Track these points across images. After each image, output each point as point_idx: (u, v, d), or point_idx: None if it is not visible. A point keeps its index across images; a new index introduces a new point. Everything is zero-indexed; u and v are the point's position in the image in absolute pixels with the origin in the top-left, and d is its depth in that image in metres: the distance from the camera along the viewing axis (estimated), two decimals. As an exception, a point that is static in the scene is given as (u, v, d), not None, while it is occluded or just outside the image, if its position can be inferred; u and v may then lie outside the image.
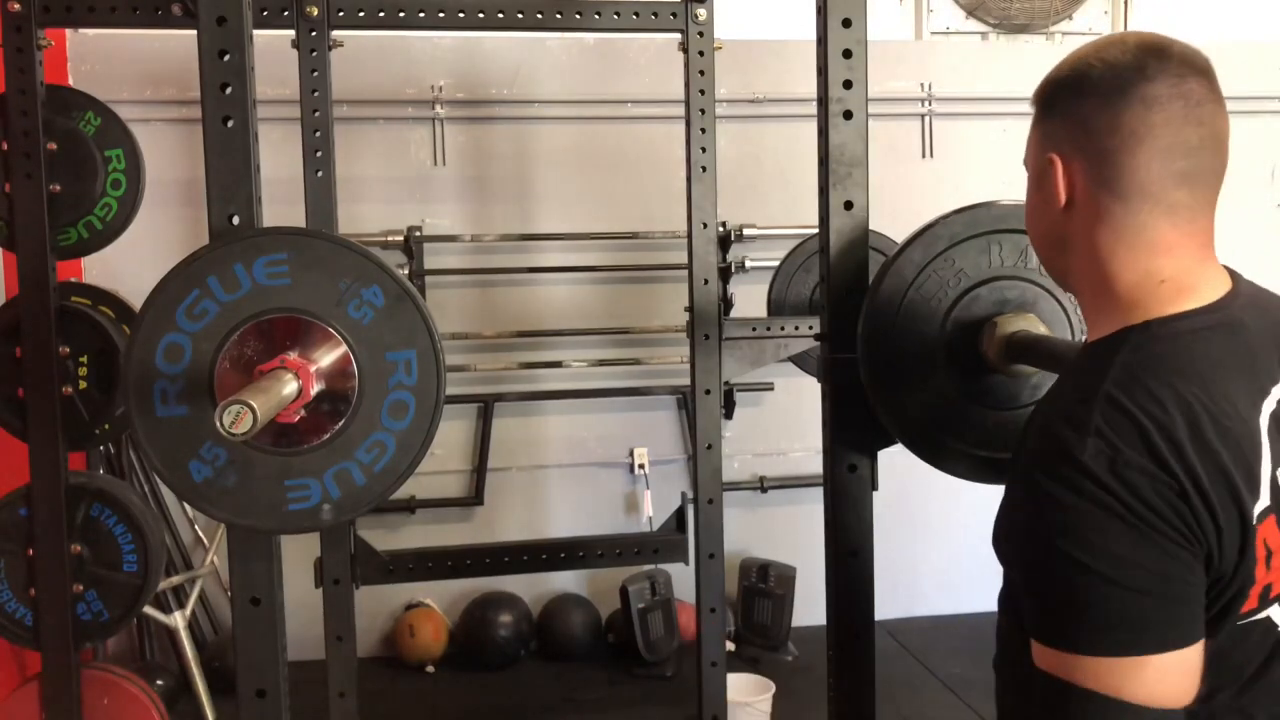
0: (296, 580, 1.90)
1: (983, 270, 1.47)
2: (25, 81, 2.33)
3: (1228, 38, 4.06)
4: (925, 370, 1.47)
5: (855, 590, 1.53)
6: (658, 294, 3.84)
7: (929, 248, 1.47)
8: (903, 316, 1.46)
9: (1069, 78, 1.05)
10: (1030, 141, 1.11)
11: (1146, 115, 0.99)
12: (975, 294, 1.47)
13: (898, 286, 1.46)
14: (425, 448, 1.40)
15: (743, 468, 3.95)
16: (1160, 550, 0.90)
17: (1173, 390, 0.93)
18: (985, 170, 3.99)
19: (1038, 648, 0.95)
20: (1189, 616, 0.92)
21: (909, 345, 1.47)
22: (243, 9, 1.39)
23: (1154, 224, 1.01)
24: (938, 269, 1.47)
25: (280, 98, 3.22)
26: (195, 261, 1.36)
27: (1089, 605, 0.90)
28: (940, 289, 1.47)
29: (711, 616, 2.79)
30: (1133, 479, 0.90)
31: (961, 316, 1.47)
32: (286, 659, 1.49)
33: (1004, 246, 1.47)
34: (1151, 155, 0.99)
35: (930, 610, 4.05)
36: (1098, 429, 0.92)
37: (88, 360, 2.45)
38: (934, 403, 1.48)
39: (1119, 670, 0.90)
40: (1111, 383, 0.94)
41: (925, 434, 1.49)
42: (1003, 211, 1.48)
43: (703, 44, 2.72)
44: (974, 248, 1.47)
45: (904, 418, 1.48)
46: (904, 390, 1.47)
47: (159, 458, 1.37)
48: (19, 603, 2.41)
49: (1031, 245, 1.17)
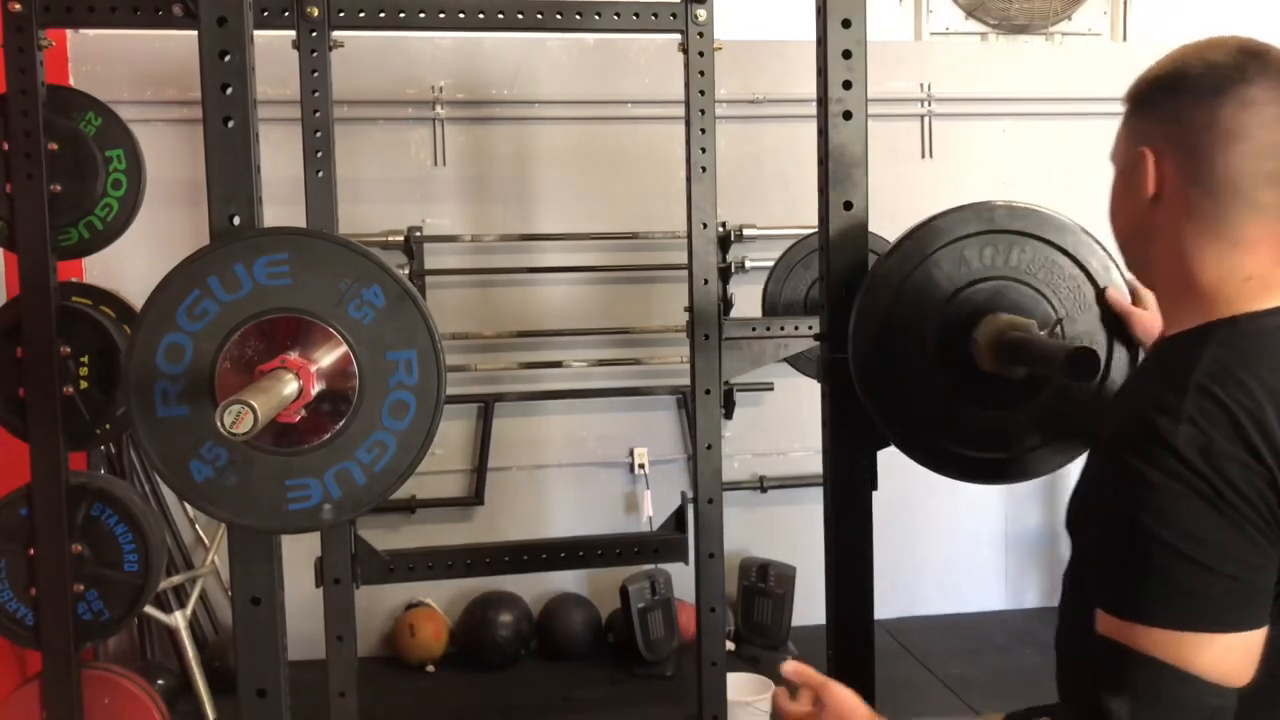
0: (297, 580, 1.90)
1: (973, 270, 1.47)
2: (26, 82, 2.34)
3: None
4: (917, 371, 1.47)
5: (855, 590, 1.54)
6: (658, 294, 3.84)
7: (920, 247, 1.46)
8: (895, 317, 1.46)
9: (1167, 75, 1.09)
10: (1120, 137, 1.15)
11: (1242, 115, 1.03)
12: (966, 294, 1.46)
13: (888, 287, 1.46)
14: (426, 447, 1.41)
15: (743, 468, 3.95)
16: (1244, 536, 0.93)
17: (1263, 383, 0.96)
18: (985, 171, 4.00)
19: (1103, 617, 0.99)
20: (1259, 602, 0.95)
21: (900, 346, 1.46)
22: (243, 9, 1.40)
23: (1241, 222, 1.04)
24: (930, 268, 1.46)
25: (281, 98, 3.22)
26: (196, 261, 1.36)
27: (1164, 581, 0.94)
28: (932, 289, 1.46)
29: (711, 616, 2.79)
30: (1225, 466, 0.93)
31: (953, 317, 1.46)
32: (287, 658, 1.50)
33: (996, 247, 1.46)
34: (1244, 155, 1.03)
35: (930, 610, 4.05)
36: (1191, 417, 0.95)
37: (88, 360, 2.46)
38: (926, 404, 1.47)
39: (1183, 643, 0.94)
40: (1203, 373, 0.98)
41: (918, 435, 1.49)
42: (996, 211, 1.47)
43: (703, 44, 2.72)
44: (965, 247, 1.46)
45: (897, 419, 1.48)
46: (897, 392, 1.47)
47: (160, 457, 1.37)
48: (20, 602, 2.41)
49: (1115, 239, 1.20)
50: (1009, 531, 4.16)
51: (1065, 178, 3.98)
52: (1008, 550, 4.17)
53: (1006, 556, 4.17)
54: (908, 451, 1.49)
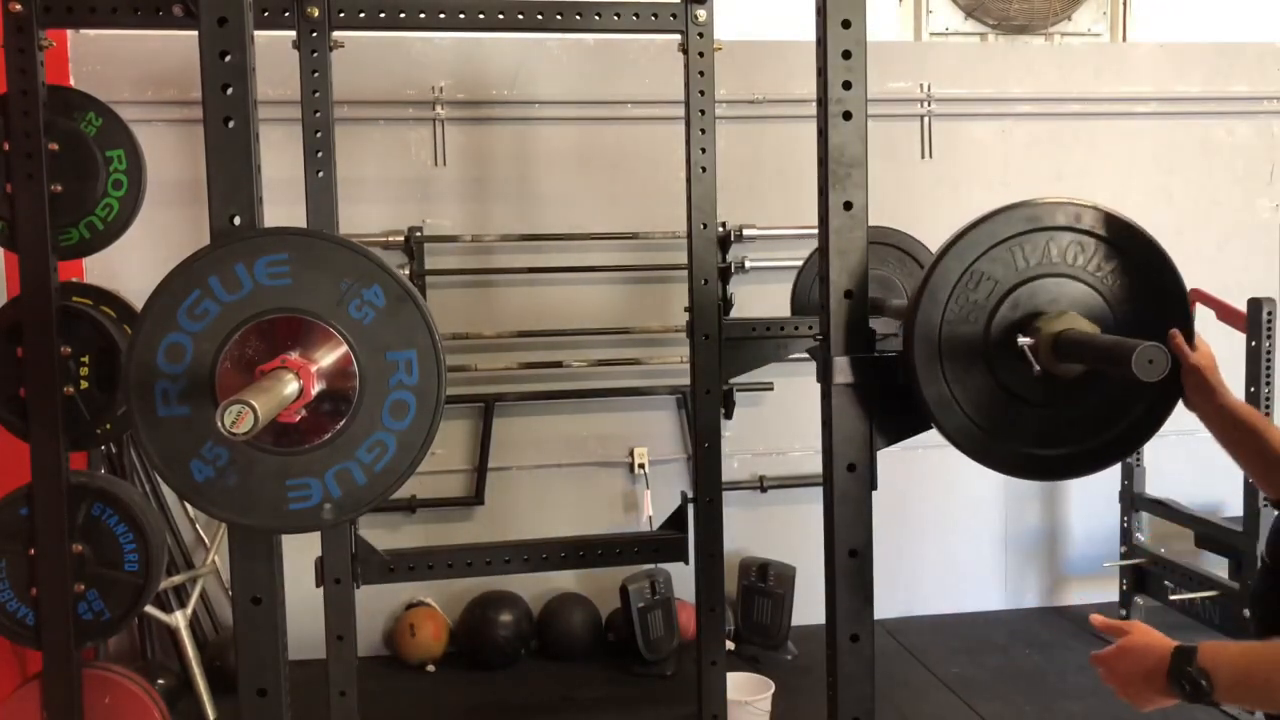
0: (297, 579, 1.90)
1: (1020, 272, 1.49)
2: (27, 82, 2.34)
3: (1227, 38, 4.07)
4: (973, 373, 1.49)
5: (855, 590, 1.54)
6: (658, 294, 3.84)
7: (966, 252, 1.48)
8: (948, 323, 1.48)
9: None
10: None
11: None
12: (1015, 295, 1.48)
13: (940, 293, 1.48)
14: (426, 447, 1.41)
15: (742, 467, 3.95)
16: None
17: None
18: (984, 171, 4.00)
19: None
20: None
21: (957, 350, 1.49)
22: (244, 10, 1.40)
23: None
24: (977, 273, 1.48)
25: (281, 98, 3.22)
26: (197, 262, 1.36)
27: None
28: (982, 293, 1.48)
29: (711, 616, 2.79)
30: None
31: (1006, 318, 1.49)
32: (287, 658, 1.50)
33: (1039, 245, 1.48)
34: None
35: (930, 610, 4.05)
36: None
37: (89, 360, 2.46)
38: (982, 404, 1.50)
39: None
40: None
41: (974, 435, 1.51)
42: (1035, 211, 1.49)
43: (703, 45, 2.72)
44: (1011, 248, 1.49)
45: (954, 419, 1.50)
46: (954, 392, 1.49)
47: (160, 457, 1.37)
48: (20, 602, 2.42)
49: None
50: (1009, 531, 4.16)
51: (1065, 178, 3.99)
52: (1008, 550, 4.17)
53: (1006, 556, 4.17)
54: (966, 451, 1.52)
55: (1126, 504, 3.79)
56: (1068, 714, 3.24)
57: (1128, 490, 3.78)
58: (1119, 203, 1.51)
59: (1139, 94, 4.03)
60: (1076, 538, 4.18)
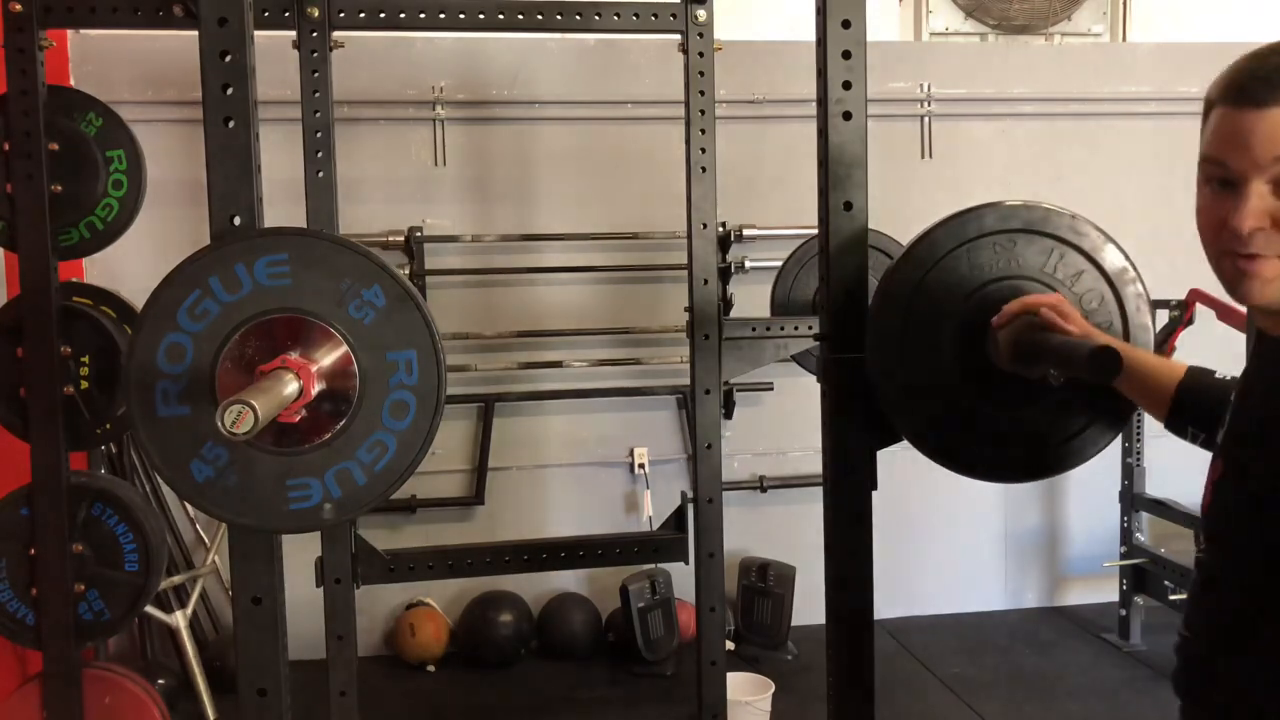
0: (297, 579, 1.90)
1: (986, 272, 1.47)
2: (27, 82, 2.34)
3: (1227, 38, 4.07)
4: (936, 373, 1.47)
5: (855, 590, 1.54)
6: (658, 294, 3.84)
7: (932, 250, 1.47)
8: (912, 317, 1.46)
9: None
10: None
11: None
12: (981, 295, 1.46)
13: (903, 290, 1.46)
14: (426, 447, 1.41)
15: (742, 467, 3.95)
16: None
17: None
18: (984, 171, 4.00)
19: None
20: None
21: (917, 346, 1.47)
22: (244, 10, 1.40)
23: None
24: (943, 271, 1.46)
25: (281, 98, 3.22)
26: (197, 262, 1.36)
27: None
28: (946, 292, 1.46)
29: (711, 616, 2.79)
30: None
31: (969, 318, 1.46)
32: (287, 658, 1.50)
33: (1008, 247, 1.47)
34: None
35: (930, 610, 4.05)
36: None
37: (89, 360, 2.46)
38: (946, 404, 1.48)
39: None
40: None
41: (939, 436, 1.49)
42: (1005, 212, 1.48)
43: (702, 45, 2.72)
44: (977, 249, 1.47)
45: (916, 421, 1.48)
46: (916, 393, 1.47)
47: (160, 457, 1.37)
48: (20, 602, 2.42)
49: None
50: (1009, 531, 4.16)
51: (1065, 178, 3.99)
52: (1008, 550, 4.17)
53: (1006, 556, 4.17)
54: (929, 454, 1.50)
55: (1126, 504, 3.79)
56: (1068, 714, 3.24)
57: (1128, 490, 3.78)
58: (1119, 203, 1.51)
59: (1139, 94, 4.03)
60: (1076, 538, 4.18)
